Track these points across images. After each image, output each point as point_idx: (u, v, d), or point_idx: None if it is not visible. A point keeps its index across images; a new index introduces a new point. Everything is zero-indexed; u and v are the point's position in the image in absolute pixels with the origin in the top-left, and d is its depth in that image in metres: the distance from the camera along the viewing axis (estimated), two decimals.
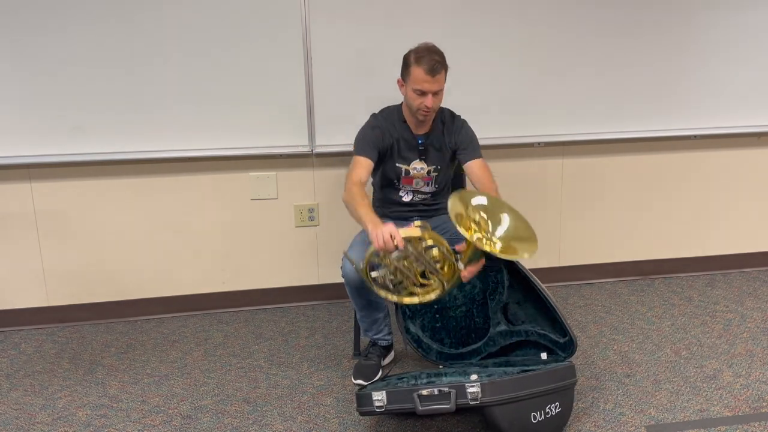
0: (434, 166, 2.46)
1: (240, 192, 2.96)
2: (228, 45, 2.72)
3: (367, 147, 2.37)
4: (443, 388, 1.94)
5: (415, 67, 2.25)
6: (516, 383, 1.96)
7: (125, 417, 2.25)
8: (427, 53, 2.25)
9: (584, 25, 2.94)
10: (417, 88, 2.26)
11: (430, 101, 2.27)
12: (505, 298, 2.33)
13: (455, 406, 1.91)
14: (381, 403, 2.00)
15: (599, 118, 3.07)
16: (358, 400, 2.06)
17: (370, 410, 2.02)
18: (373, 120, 2.45)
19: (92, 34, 2.63)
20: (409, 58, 2.29)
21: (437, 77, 2.24)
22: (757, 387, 2.36)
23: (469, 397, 1.91)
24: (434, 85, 2.25)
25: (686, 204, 3.33)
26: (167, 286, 3.01)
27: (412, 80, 2.26)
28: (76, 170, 2.81)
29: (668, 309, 3.01)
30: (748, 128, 3.20)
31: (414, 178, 2.47)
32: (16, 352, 2.73)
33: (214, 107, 2.78)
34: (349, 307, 3.06)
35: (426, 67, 2.22)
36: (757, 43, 3.09)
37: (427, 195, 2.52)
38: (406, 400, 1.98)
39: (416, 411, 1.95)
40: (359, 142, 2.40)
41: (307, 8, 2.73)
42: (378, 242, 1.99)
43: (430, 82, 2.23)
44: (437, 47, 2.29)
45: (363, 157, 2.36)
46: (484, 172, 2.39)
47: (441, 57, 2.26)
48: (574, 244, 3.29)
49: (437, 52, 2.27)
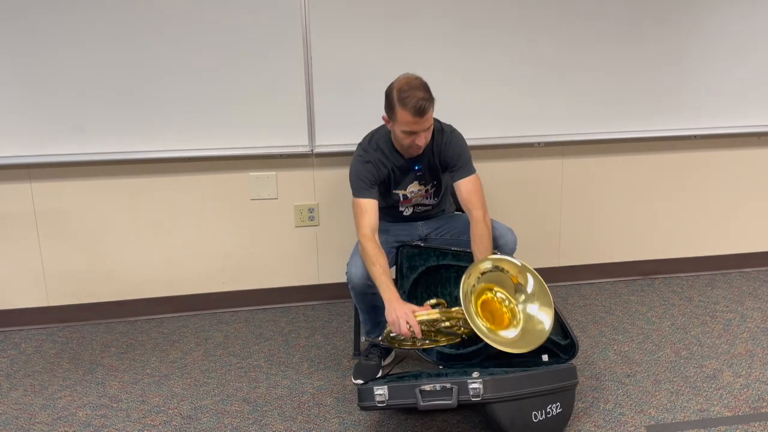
0: (431, 183, 2.42)
1: (240, 192, 2.96)
2: (228, 45, 2.72)
3: (367, 187, 2.28)
4: (445, 384, 1.93)
5: (401, 110, 2.11)
6: (518, 381, 1.96)
7: (125, 417, 2.25)
8: (411, 92, 2.10)
9: (584, 25, 2.94)
10: (405, 130, 2.16)
11: (421, 140, 2.17)
12: None
13: (457, 402, 1.90)
14: (382, 397, 1.98)
15: (599, 118, 3.07)
16: (360, 394, 2.05)
17: (371, 405, 2.01)
18: (363, 153, 2.32)
19: (92, 35, 2.63)
20: (393, 98, 2.14)
21: (426, 116, 2.12)
22: (757, 387, 2.36)
23: (471, 393, 1.90)
24: (423, 124, 2.14)
25: (686, 204, 3.33)
26: (167, 286, 3.01)
27: (399, 122, 2.15)
28: (76, 170, 2.81)
29: (668, 309, 3.01)
30: (748, 128, 3.20)
31: (413, 198, 2.44)
32: (16, 352, 2.73)
33: (214, 107, 2.78)
34: (349, 307, 3.06)
35: (412, 109, 2.09)
36: (757, 43, 3.09)
37: (428, 207, 2.51)
38: (407, 395, 1.96)
39: (418, 406, 1.94)
40: (356, 183, 2.30)
41: (307, 8, 2.73)
42: (395, 329, 2.07)
43: (419, 123, 2.12)
44: (420, 80, 2.17)
45: (366, 199, 2.27)
46: (474, 196, 2.30)
47: (426, 93, 2.12)
48: (574, 244, 3.29)
49: (421, 88, 2.13)
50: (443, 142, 2.32)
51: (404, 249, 2.42)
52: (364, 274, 2.25)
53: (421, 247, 2.41)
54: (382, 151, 2.31)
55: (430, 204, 2.49)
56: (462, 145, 2.35)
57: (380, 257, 2.18)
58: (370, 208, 2.27)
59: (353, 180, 2.31)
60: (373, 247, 2.20)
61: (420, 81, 2.16)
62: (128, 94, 2.71)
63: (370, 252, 2.19)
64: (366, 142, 2.36)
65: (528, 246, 3.18)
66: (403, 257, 2.43)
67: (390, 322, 2.08)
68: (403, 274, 2.45)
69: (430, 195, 2.46)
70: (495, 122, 2.98)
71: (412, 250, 2.42)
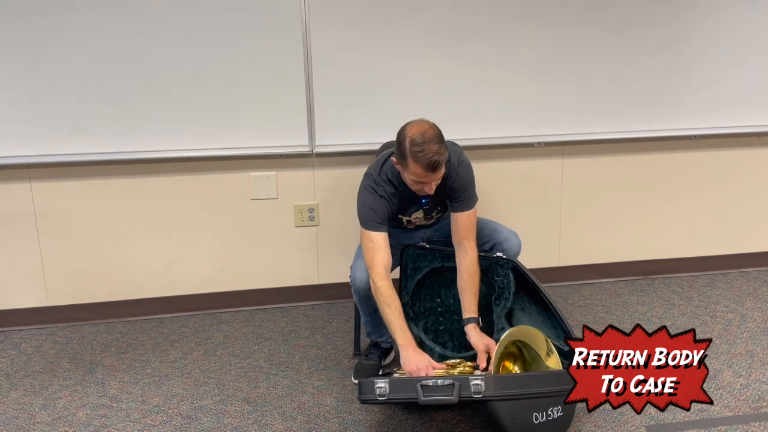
0: (435, 210, 2.39)
1: (240, 192, 2.96)
2: (228, 44, 2.72)
3: (380, 221, 2.21)
4: (447, 380, 1.91)
5: (413, 163, 2.05)
6: (520, 381, 1.96)
7: (125, 417, 2.25)
8: (426, 146, 2.02)
9: (584, 25, 2.94)
10: (416, 180, 2.11)
11: (432, 189, 2.13)
12: (512, 304, 2.32)
13: (458, 398, 1.89)
14: (383, 390, 1.94)
15: (599, 118, 3.07)
16: (360, 387, 2.00)
17: (371, 398, 1.97)
18: (375, 187, 2.24)
19: (92, 34, 2.63)
20: (405, 149, 2.06)
21: (438, 172, 2.08)
22: (757, 387, 2.36)
23: (472, 390, 1.88)
24: (435, 176, 2.09)
25: (686, 204, 3.33)
26: (167, 286, 3.01)
27: (411, 173, 2.09)
28: (76, 170, 2.81)
29: (668, 309, 3.01)
30: (748, 128, 3.20)
31: (415, 222, 2.42)
32: (16, 352, 2.72)
33: (214, 107, 2.78)
34: (349, 307, 3.06)
35: (425, 165, 2.03)
36: (757, 43, 3.09)
37: (430, 227, 2.49)
38: (408, 389, 1.93)
39: (418, 401, 1.91)
40: (369, 215, 2.21)
41: (307, 8, 2.73)
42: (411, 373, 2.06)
43: (431, 176, 2.08)
44: (434, 130, 2.07)
45: (379, 233, 2.20)
46: (470, 232, 2.28)
47: (440, 146, 2.04)
48: (574, 244, 3.29)
49: (435, 140, 2.04)
50: (450, 177, 2.24)
51: (409, 250, 2.43)
52: (368, 279, 2.24)
53: (426, 249, 2.41)
54: (392, 185, 2.24)
55: (431, 224, 2.47)
56: (469, 178, 2.28)
57: (395, 299, 2.14)
58: (383, 244, 2.19)
59: (365, 211, 2.22)
60: (387, 287, 2.14)
61: (433, 132, 2.07)
62: (128, 94, 2.71)
63: (384, 293, 2.14)
64: (376, 173, 2.25)
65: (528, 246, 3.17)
66: (408, 258, 2.43)
67: (408, 372, 2.06)
68: (408, 275, 2.45)
69: (434, 219, 2.44)
70: (495, 122, 2.98)
71: (417, 251, 2.42)
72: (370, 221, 2.21)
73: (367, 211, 2.22)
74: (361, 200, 2.25)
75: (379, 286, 2.15)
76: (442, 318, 2.45)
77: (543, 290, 2.24)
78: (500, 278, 2.32)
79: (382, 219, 2.22)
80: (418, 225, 2.45)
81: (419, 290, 2.45)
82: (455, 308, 2.40)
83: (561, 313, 2.22)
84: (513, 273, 2.29)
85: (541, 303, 2.28)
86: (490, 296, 2.36)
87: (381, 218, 2.21)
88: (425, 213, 2.37)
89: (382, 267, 2.17)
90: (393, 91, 2.85)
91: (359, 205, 2.25)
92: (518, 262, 2.28)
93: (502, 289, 2.32)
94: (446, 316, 2.45)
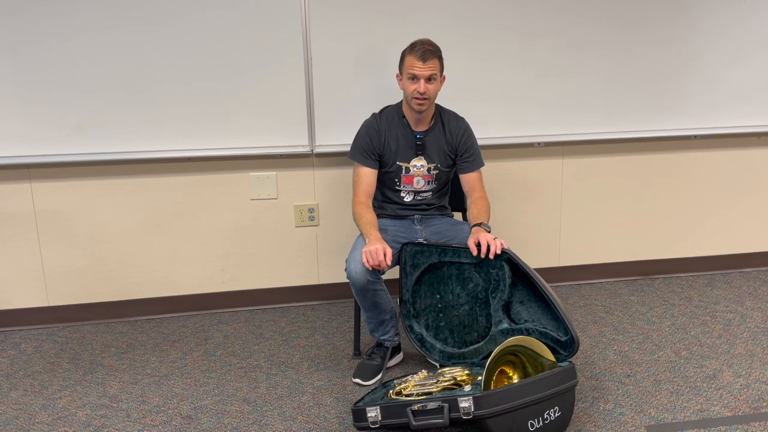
0: (434, 164, 2.48)
1: (240, 192, 2.96)
2: (228, 45, 2.72)
3: (365, 154, 2.45)
4: (436, 403, 1.95)
5: (408, 55, 2.36)
6: (511, 393, 1.94)
7: (125, 417, 2.25)
8: (420, 43, 2.35)
9: (584, 25, 2.94)
10: (409, 73, 2.34)
11: (422, 86, 2.33)
12: (508, 296, 2.32)
13: (449, 420, 1.93)
14: (375, 418, 2.05)
15: (599, 118, 3.07)
16: (354, 415, 2.12)
17: (365, 426, 2.09)
18: (371, 120, 2.50)
19: (92, 34, 2.63)
20: (404, 50, 2.40)
21: (428, 63, 2.32)
22: (757, 387, 2.36)
23: (461, 412, 1.91)
24: (425, 70, 2.32)
25: (686, 204, 3.33)
26: (167, 286, 3.01)
27: (406, 66, 2.36)
28: (76, 170, 2.81)
29: (668, 309, 3.01)
30: (748, 128, 3.20)
31: (414, 176, 2.47)
32: (16, 352, 2.73)
33: (214, 107, 2.78)
34: (349, 307, 3.06)
35: (417, 53, 2.32)
36: (757, 43, 3.09)
37: (428, 194, 2.52)
38: (399, 414, 2.02)
39: (410, 426, 1.98)
40: (356, 149, 2.47)
41: (307, 8, 2.73)
42: (372, 258, 2.21)
43: (421, 67, 2.32)
44: (433, 42, 2.38)
45: (364, 167, 2.45)
46: (479, 183, 2.52)
47: (434, 47, 2.35)
48: (574, 244, 3.29)
49: (430, 43, 2.36)
50: (458, 127, 2.51)
51: (407, 247, 2.43)
52: (363, 270, 2.26)
53: (423, 245, 2.41)
54: (389, 120, 2.47)
55: (429, 190, 2.51)
56: (474, 139, 2.55)
57: (369, 214, 2.38)
58: (368, 175, 2.45)
59: (355, 146, 2.48)
60: (362, 208, 2.39)
61: (433, 42, 2.38)
62: (128, 94, 2.71)
63: (359, 212, 2.38)
64: (379, 111, 2.53)
65: (528, 246, 3.19)
66: (406, 255, 2.44)
67: (365, 251, 2.23)
68: (407, 272, 2.45)
69: (432, 179, 2.49)
70: (495, 122, 2.98)
71: (415, 247, 2.42)
72: (356, 154, 2.46)
73: (356, 148, 2.47)
74: (356, 135, 2.49)
75: (355, 211, 2.41)
76: (442, 314, 2.45)
77: (539, 280, 2.22)
78: (495, 270, 2.32)
79: (368, 153, 2.45)
80: (417, 197, 2.51)
81: (419, 287, 2.46)
82: (454, 303, 2.42)
83: (559, 304, 2.20)
84: (508, 264, 2.30)
85: (541, 297, 2.28)
86: (487, 289, 2.36)
87: (367, 152, 2.45)
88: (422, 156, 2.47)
89: (363, 195, 2.43)
90: (393, 91, 2.85)
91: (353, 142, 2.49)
92: (512, 253, 2.27)
93: (497, 281, 2.32)
94: (446, 312, 2.45)
